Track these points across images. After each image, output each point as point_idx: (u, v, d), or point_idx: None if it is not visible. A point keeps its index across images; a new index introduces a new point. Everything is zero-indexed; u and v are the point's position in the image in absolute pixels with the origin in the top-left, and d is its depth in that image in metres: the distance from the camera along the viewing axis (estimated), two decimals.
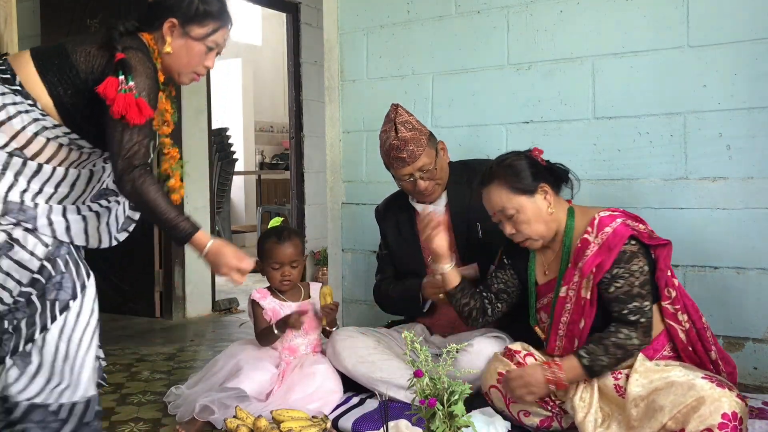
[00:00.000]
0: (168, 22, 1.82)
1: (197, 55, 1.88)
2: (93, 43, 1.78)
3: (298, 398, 2.22)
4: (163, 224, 1.81)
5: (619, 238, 1.86)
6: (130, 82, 1.69)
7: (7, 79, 1.74)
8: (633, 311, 1.85)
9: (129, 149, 1.73)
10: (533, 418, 1.99)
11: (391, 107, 2.41)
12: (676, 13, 2.45)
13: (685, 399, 1.71)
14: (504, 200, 1.95)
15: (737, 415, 1.66)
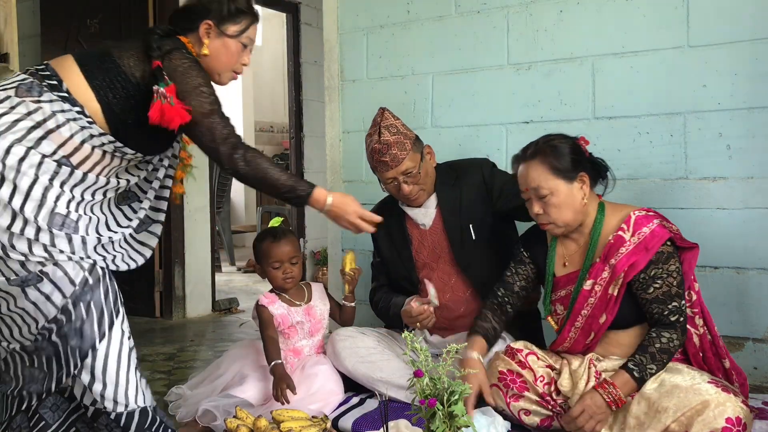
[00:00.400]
0: (204, 24, 1.87)
1: (235, 53, 1.93)
2: (136, 48, 1.80)
3: (299, 398, 2.22)
4: (280, 190, 1.88)
5: (657, 239, 1.86)
6: (162, 88, 1.73)
7: (54, 85, 1.74)
8: (673, 311, 1.86)
9: (219, 135, 1.82)
10: (534, 417, 1.98)
11: (378, 111, 2.39)
12: (676, 13, 2.45)
13: (690, 402, 1.70)
14: (541, 179, 1.91)
15: (741, 421, 1.66)
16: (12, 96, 1.71)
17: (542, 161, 1.92)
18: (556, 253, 2.05)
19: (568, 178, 1.92)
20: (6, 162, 1.64)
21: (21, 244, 1.65)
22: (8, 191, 1.64)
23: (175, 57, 1.79)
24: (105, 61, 1.78)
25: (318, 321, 2.46)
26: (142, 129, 1.79)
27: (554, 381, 1.99)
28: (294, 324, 2.41)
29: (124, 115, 1.78)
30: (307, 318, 2.43)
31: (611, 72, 2.58)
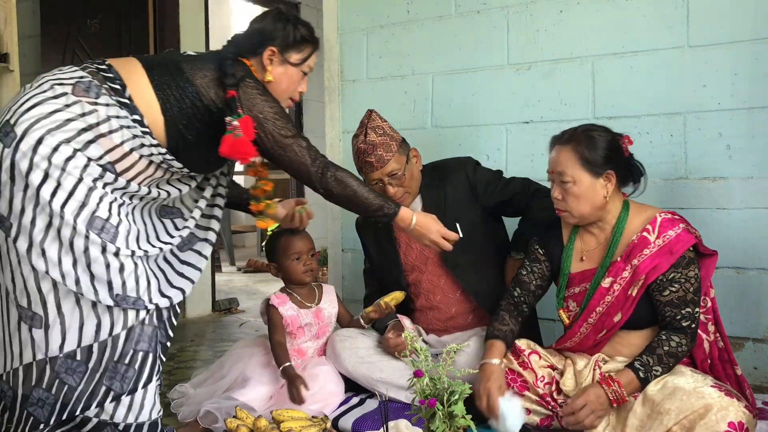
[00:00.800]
0: (268, 50, 1.89)
1: (295, 81, 1.97)
2: (208, 68, 1.80)
3: None
4: (369, 208, 1.93)
5: (683, 243, 1.86)
6: (235, 120, 1.74)
7: (116, 89, 1.72)
8: (685, 317, 1.85)
9: (307, 158, 1.84)
10: (533, 416, 1.98)
11: (366, 113, 2.40)
12: (676, 13, 2.45)
13: (693, 405, 1.70)
14: (567, 166, 1.92)
15: (743, 425, 1.65)
16: (69, 93, 1.68)
17: (574, 149, 1.92)
18: (573, 248, 2.04)
19: (594, 173, 1.91)
20: (52, 160, 1.62)
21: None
22: (50, 189, 1.62)
23: (249, 85, 1.80)
24: (177, 76, 1.77)
25: (325, 324, 2.46)
26: (200, 148, 1.81)
27: (555, 381, 1.98)
28: (303, 326, 2.40)
29: (187, 131, 1.78)
30: (316, 320, 2.43)
31: (611, 72, 2.58)
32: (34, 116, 1.64)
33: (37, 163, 1.61)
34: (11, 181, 1.62)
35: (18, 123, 1.63)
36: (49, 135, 1.63)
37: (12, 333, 1.71)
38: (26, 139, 1.62)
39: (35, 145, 1.62)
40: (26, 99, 1.68)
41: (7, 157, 1.62)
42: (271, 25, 1.91)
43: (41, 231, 1.63)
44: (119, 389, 1.70)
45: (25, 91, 1.72)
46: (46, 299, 1.66)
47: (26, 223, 1.63)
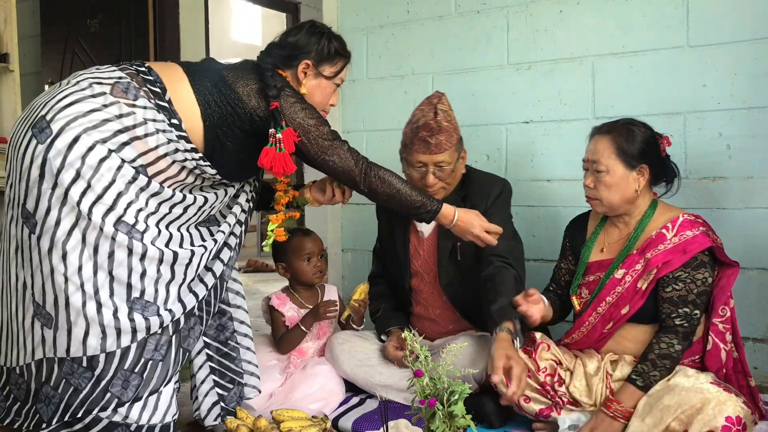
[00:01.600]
0: (303, 63, 1.91)
1: (328, 93, 1.99)
2: (249, 78, 1.82)
3: (300, 398, 2.23)
4: (413, 205, 1.96)
5: (697, 245, 1.86)
6: (279, 134, 1.76)
7: (156, 92, 1.72)
8: (680, 315, 1.85)
9: (349, 161, 1.87)
10: (533, 405, 1.98)
11: (436, 93, 2.31)
12: (676, 13, 2.45)
13: (690, 400, 1.70)
14: (604, 154, 1.94)
15: (741, 420, 1.65)
16: (107, 93, 1.68)
17: (612, 139, 1.94)
18: (596, 239, 2.08)
19: (629, 164, 1.93)
20: (86, 159, 1.62)
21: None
22: (79, 190, 1.61)
23: (288, 95, 1.83)
24: (219, 83, 1.79)
25: (326, 324, 2.46)
26: (237, 155, 1.82)
27: (557, 373, 1.99)
28: None
29: (226, 137, 1.79)
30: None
31: (611, 72, 2.57)
32: (71, 114, 1.63)
33: (70, 163, 1.61)
34: (41, 179, 1.61)
35: (54, 120, 1.62)
36: (85, 134, 1.62)
37: (26, 328, 1.71)
38: (62, 136, 1.61)
39: (71, 143, 1.61)
40: (63, 95, 1.67)
41: (39, 155, 1.61)
42: (305, 38, 1.95)
43: (65, 233, 1.62)
44: (124, 397, 1.70)
45: (61, 87, 1.71)
46: (58, 302, 1.65)
47: (51, 223, 1.62)
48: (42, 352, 1.70)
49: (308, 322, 2.36)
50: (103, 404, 1.70)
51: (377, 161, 2.60)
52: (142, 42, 3.84)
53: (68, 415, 1.70)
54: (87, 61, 4.05)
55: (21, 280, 1.70)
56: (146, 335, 1.72)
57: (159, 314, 1.73)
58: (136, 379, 1.71)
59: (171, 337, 1.77)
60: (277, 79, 1.84)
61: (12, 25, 3.56)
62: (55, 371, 1.69)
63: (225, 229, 1.94)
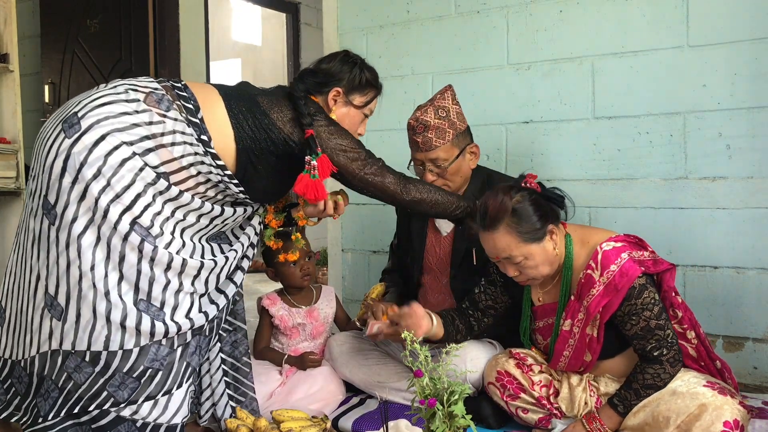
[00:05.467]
0: (334, 90, 1.95)
1: (356, 123, 2.03)
2: (282, 105, 1.86)
3: (300, 398, 2.23)
4: (449, 208, 2.01)
5: (627, 278, 1.77)
6: (314, 160, 1.79)
7: (188, 108, 1.75)
8: (656, 346, 1.79)
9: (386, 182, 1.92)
10: (532, 415, 1.99)
11: (445, 87, 2.28)
12: (676, 13, 2.45)
13: (688, 407, 1.70)
14: (512, 248, 1.81)
15: (739, 423, 1.66)
16: (141, 101, 1.72)
17: (508, 231, 1.80)
18: (532, 288, 2.00)
19: (538, 239, 1.82)
20: (108, 159, 1.64)
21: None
22: (99, 187, 1.63)
23: (322, 122, 1.86)
24: (254, 108, 1.82)
25: (320, 324, 2.46)
26: (267, 179, 1.85)
27: (553, 384, 1.99)
28: (296, 325, 2.41)
29: (258, 161, 1.82)
30: (309, 320, 2.43)
31: (611, 72, 2.58)
32: (103, 113, 1.67)
33: (93, 160, 1.63)
34: (63, 172, 1.64)
35: (86, 117, 1.66)
36: (112, 134, 1.65)
37: (36, 320, 1.73)
38: (90, 133, 1.64)
39: (98, 140, 1.64)
40: (99, 96, 1.71)
41: (65, 149, 1.64)
42: (338, 66, 1.99)
43: (82, 228, 1.64)
44: (119, 397, 1.71)
45: (99, 90, 1.75)
46: (70, 293, 1.67)
47: (69, 217, 1.64)
48: (48, 344, 1.71)
49: (291, 362, 2.36)
50: (99, 402, 1.70)
51: None
52: (142, 42, 3.84)
53: (64, 411, 1.70)
54: (87, 61, 4.05)
55: (35, 272, 1.72)
56: (150, 341, 1.72)
57: (165, 322, 1.73)
58: (133, 383, 1.71)
59: (175, 351, 1.77)
60: (310, 106, 1.87)
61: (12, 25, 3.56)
62: (58, 364, 1.70)
63: (238, 249, 1.95)
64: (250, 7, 7.71)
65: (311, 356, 2.35)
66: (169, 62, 3.88)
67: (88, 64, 4.04)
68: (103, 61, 3.97)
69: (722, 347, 2.41)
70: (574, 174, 2.64)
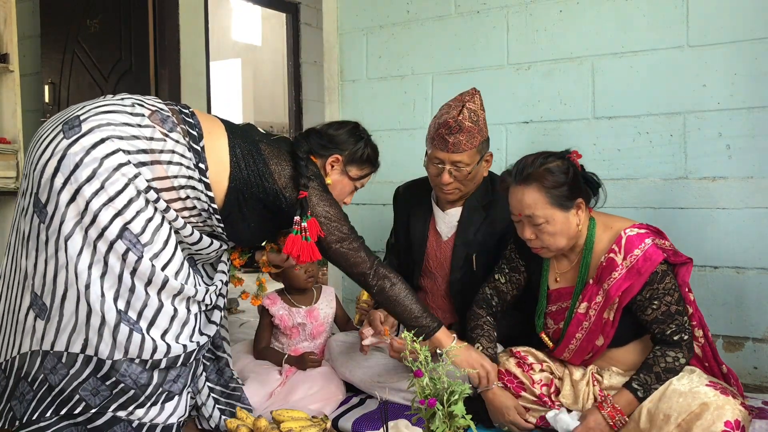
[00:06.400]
0: (333, 156, 2.00)
1: (346, 192, 2.08)
2: (284, 159, 1.89)
3: (300, 398, 2.23)
4: (410, 315, 1.95)
5: (650, 262, 1.79)
6: (304, 222, 1.82)
7: (192, 135, 1.77)
8: (675, 331, 1.82)
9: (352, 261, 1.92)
10: (532, 414, 1.98)
11: (471, 90, 2.22)
12: (676, 13, 2.45)
13: (689, 406, 1.70)
14: (537, 208, 1.81)
15: (740, 423, 1.65)
16: (145, 116, 1.74)
17: (539, 189, 1.81)
18: (550, 267, 2.01)
19: (565, 207, 1.83)
20: (104, 161, 1.64)
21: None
22: (92, 190, 1.63)
23: (317, 186, 1.91)
24: (255, 153, 1.85)
25: (320, 324, 2.46)
26: (248, 224, 1.87)
27: (554, 383, 1.99)
28: (296, 325, 2.41)
29: (246, 204, 1.84)
30: (309, 320, 2.43)
31: (611, 72, 2.58)
32: (105, 119, 1.68)
33: (89, 161, 1.64)
34: (56, 172, 1.64)
35: (87, 120, 1.67)
36: (111, 139, 1.66)
37: (19, 319, 1.73)
38: (89, 136, 1.65)
39: (97, 142, 1.65)
40: (104, 104, 1.73)
41: (62, 149, 1.64)
42: (345, 136, 2.05)
43: (70, 228, 1.64)
44: (93, 403, 1.70)
45: (105, 98, 1.77)
46: (56, 292, 1.67)
47: (58, 217, 1.65)
48: (30, 345, 1.71)
49: (291, 362, 2.37)
50: (71, 405, 1.70)
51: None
52: (142, 42, 3.84)
53: (37, 414, 1.69)
54: (87, 61, 4.04)
55: (23, 270, 1.72)
56: (123, 355, 1.69)
57: (143, 336, 1.71)
58: (106, 391, 1.71)
59: (152, 374, 1.74)
60: (310, 169, 1.91)
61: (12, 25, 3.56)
62: (36, 365, 1.70)
63: (217, 284, 1.95)
64: (250, 7, 7.70)
65: (311, 356, 2.36)
66: (169, 62, 3.87)
67: (88, 64, 4.04)
68: (103, 61, 3.97)
69: (722, 347, 2.41)
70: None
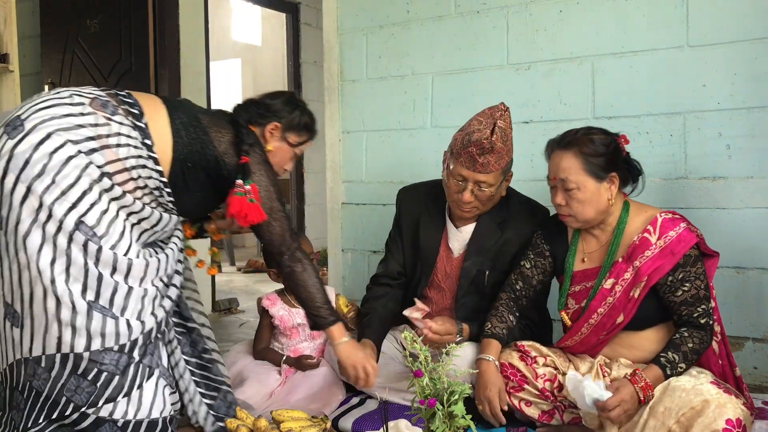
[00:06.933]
0: (272, 124, 2.02)
1: (286, 159, 2.10)
2: (223, 128, 1.93)
3: (300, 398, 2.23)
4: (311, 303, 2.01)
5: (684, 243, 1.85)
6: (247, 185, 1.85)
7: (134, 114, 1.79)
8: (702, 314, 1.85)
9: (288, 234, 1.96)
10: (534, 409, 1.98)
11: (501, 105, 2.15)
12: (676, 13, 2.45)
13: (691, 402, 1.70)
14: (571, 172, 1.89)
15: (741, 422, 1.65)
16: (86, 104, 1.74)
17: (576, 154, 1.89)
18: (577, 248, 2.04)
19: (598, 177, 1.89)
20: (54, 156, 1.64)
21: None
22: (43, 186, 1.63)
23: (257, 153, 1.94)
24: (195, 124, 1.88)
25: None
26: (194, 195, 1.90)
27: (557, 378, 1.99)
28: (295, 325, 2.41)
29: (190, 174, 1.86)
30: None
31: (611, 72, 2.58)
32: (47, 115, 1.68)
33: (37, 159, 1.63)
34: (6, 174, 1.63)
35: (29, 119, 1.67)
36: (57, 133, 1.66)
37: (3, 330, 1.73)
38: (34, 134, 1.65)
39: (42, 140, 1.64)
40: (42, 101, 1.73)
41: (8, 151, 1.64)
42: (281, 104, 2.07)
43: (26, 227, 1.63)
44: (80, 402, 1.70)
45: (41, 95, 1.76)
46: (23, 297, 1.67)
47: (13, 219, 1.64)
48: (12, 354, 1.71)
49: (290, 362, 2.39)
50: (60, 408, 1.70)
51: (377, 161, 2.61)
52: (142, 42, 3.83)
53: (31, 422, 1.70)
54: (87, 61, 4.04)
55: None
56: (101, 345, 1.70)
57: (116, 323, 1.72)
58: (89, 387, 1.71)
59: (126, 353, 1.75)
60: (250, 136, 1.94)
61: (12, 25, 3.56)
62: (22, 374, 1.70)
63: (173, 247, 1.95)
64: (250, 7, 7.71)
65: (308, 360, 2.37)
66: (169, 62, 3.87)
67: (88, 64, 4.03)
68: (103, 61, 3.96)
69: None
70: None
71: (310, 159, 5.68)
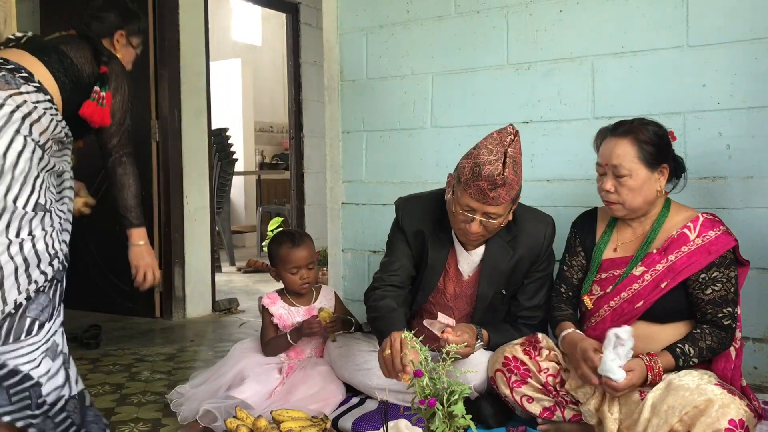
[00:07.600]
0: (118, 33, 2.19)
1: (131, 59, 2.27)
2: (82, 47, 2.02)
3: (300, 399, 2.23)
4: (123, 204, 2.07)
5: (722, 245, 1.88)
6: (104, 92, 1.96)
7: (26, 77, 1.82)
8: (726, 316, 1.87)
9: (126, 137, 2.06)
10: (536, 405, 1.98)
11: (510, 129, 2.04)
12: (676, 13, 2.45)
13: (694, 401, 1.69)
14: (626, 158, 1.91)
15: (744, 423, 1.64)
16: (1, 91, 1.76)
17: (632, 142, 1.92)
18: (609, 239, 2.06)
19: (651, 166, 1.92)
20: (7, 156, 1.70)
21: None
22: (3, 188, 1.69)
23: (117, 65, 2.06)
24: (61, 56, 1.95)
25: (320, 325, 2.46)
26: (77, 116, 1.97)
27: (560, 374, 1.99)
28: (295, 324, 2.41)
29: (72, 102, 1.94)
30: None
31: (611, 72, 2.58)
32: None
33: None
34: None
35: None
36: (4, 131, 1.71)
37: None
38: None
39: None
40: None
41: None
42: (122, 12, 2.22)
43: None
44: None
45: None
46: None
47: None
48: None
49: (294, 336, 2.38)
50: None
51: (377, 161, 2.60)
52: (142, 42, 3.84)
53: None
54: None
55: None
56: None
57: None
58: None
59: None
60: (106, 49, 2.08)
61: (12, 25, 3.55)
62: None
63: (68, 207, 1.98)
64: (250, 7, 7.71)
65: (308, 324, 2.34)
66: (169, 62, 3.87)
67: None
68: None
69: None
70: (574, 174, 2.64)
71: (310, 159, 5.67)
